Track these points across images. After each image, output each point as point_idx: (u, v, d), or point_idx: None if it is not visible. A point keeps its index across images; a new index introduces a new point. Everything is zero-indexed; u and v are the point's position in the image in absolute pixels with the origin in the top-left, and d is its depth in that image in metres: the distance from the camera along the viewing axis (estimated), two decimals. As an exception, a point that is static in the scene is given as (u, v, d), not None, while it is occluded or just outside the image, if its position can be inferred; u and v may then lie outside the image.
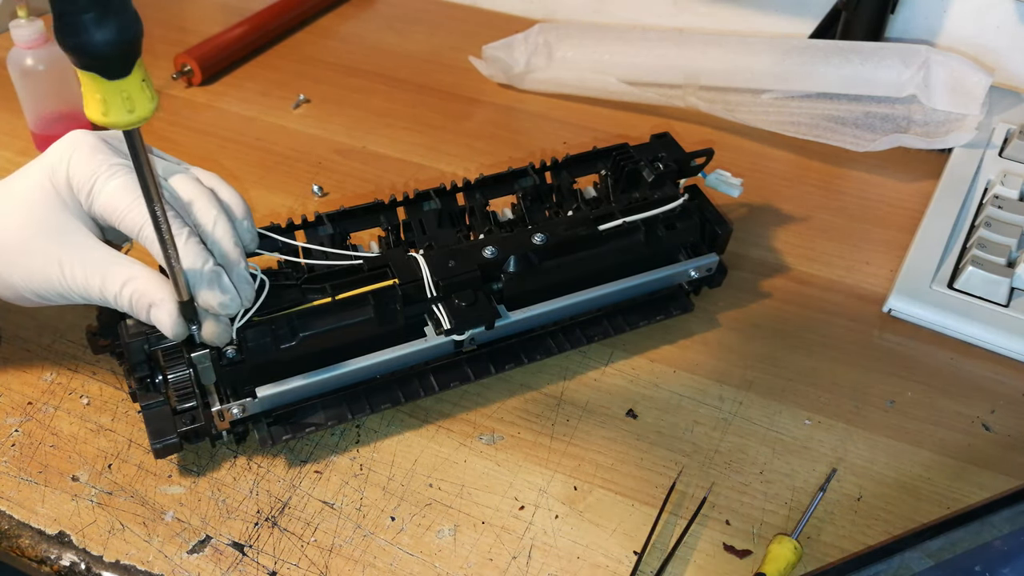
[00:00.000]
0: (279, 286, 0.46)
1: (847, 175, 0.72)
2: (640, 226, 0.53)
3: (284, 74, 0.83)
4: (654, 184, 0.55)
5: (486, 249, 0.49)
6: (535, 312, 0.51)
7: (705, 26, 0.89)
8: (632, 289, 0.53)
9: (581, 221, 0.53)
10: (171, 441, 0.45)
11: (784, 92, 0.76)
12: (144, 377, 0.45)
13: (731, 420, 0.52)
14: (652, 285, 0.54)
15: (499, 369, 0.52)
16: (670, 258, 0.55)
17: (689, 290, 0.58)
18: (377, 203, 0.53)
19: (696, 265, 0.55)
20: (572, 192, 0.57)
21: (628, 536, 0.46)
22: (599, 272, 0.52)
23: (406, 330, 0.48)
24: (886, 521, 0.47)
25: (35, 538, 0.45)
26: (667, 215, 0.54)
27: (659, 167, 0.55)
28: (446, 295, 0.48)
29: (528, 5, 0.94)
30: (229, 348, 0.44)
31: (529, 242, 0.50)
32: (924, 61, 0.71)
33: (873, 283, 0.61)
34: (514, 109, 0.79)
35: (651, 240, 0.53)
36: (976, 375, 0.55)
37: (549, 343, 0.53)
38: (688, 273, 0.55)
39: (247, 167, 0.71)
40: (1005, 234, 0.59)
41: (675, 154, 0.57)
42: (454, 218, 0.54)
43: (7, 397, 0.51)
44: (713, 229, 0.55)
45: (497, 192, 0.56)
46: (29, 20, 0.65)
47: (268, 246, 0.49)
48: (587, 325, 0.54)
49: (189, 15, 0.93)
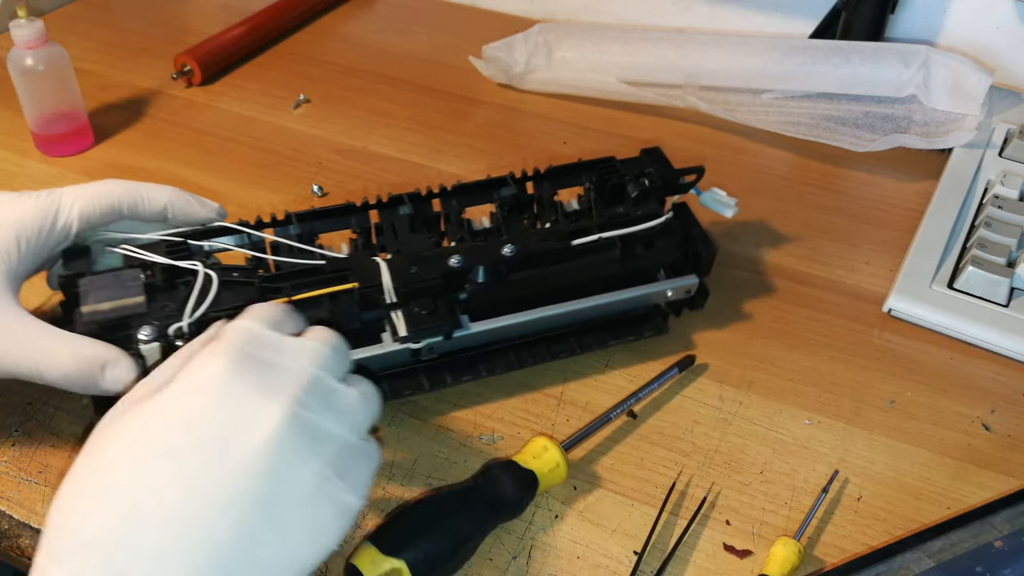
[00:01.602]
0: (238, 283, 0.46)
1: (847, 175, 0.72)
2: (616, 242, 0.51)
3: (284, 74, 0.83)
4: (638, 200, 0.54)
5: (452, 257, 0.49)
6: (498, 324, 0.49)
7: (705, 26, 0.89)
8: (603, 307, 0.52)
9: (555, 234, 0.51)
10: None
11: (784, 92, 0.76)
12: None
13: (731, 420, 0.52)
14: (625, 304, 0.52)
15: (455, 381, 0.51)
16: (647, 277, 0.53)
17: (668, 311, 0.56)
18: (348, 205, 0.52)
19: (674, 286, 0.53)
20: (552, 204, 0.55)
21: (628, 536, 0.46)
22: (571, 287, 0.51)
23: (364, 335, 0.48)
24: (886, 521, 0.47)
25: (35, 538, 0.45)
26: (647, 233, 0.52)
27: (644, 183, 0.53)
28: (405, 302, 0.47)
29: (528, 5, 0.94)
30: (179, 342, 0.44)
31: (498, 253, 0.49)
32: (924, 61, 0.71)
33: (873, 283, 0.61)
34: (514, 109, 0.79)
35: (627, 257, 0.51)
36: (976, 375, 0.55)
37: (511, 357, 0.52)
38: (665, 293, 0.53)
39: (247, 167, 0.71)
40: (1005, 234, 0.59)
41: (663, 170, 0.55)
42: (428, 224, 0.53)
43: (7, 397, 0.51)
44: (697, 249, 0.53)
45: (474, 200, 0.54)
46: (29, 20, 0.65)
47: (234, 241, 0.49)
48: (554, 341, 0.53)
49: (189, 15, 0.93)
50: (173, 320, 0.44)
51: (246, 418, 0.32)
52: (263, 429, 0.32)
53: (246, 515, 0.30)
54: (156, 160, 0.71)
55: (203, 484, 0.31)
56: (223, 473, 0.31)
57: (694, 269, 0.53)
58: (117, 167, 0.70)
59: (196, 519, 0.30)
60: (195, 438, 0.31)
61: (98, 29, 0.89)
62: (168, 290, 0.45)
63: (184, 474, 0.31)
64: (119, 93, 0.79)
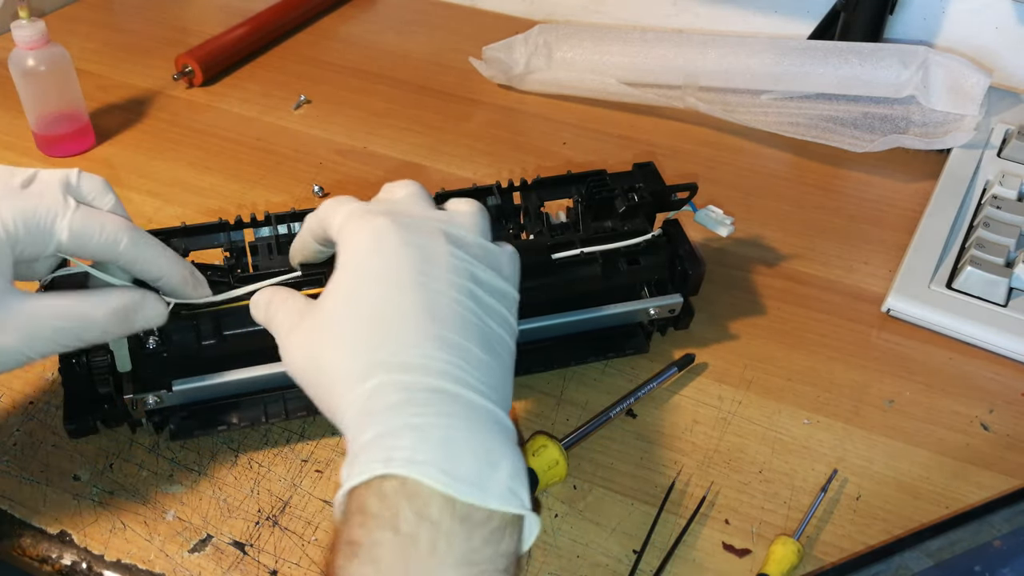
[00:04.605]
0: (212, 282, 0.46)
1: (846, 175, 0.72)
2: (598, 258, 0.51)
3: (285, 75, 0.83)
4: (626, 215, 0.53)
5: None
6: None
7: (704, 27, 0.89)
8: (583, 322, 0.51)
9: (535, 247, 0.50)
10: (85, 423, 0.46)
11: (783, 93, 0.76)
12: (69, 357, 0.46)
13: (730, 419, 0.52)
14: (605, 320, 0.52)
15: None
16: (630, 294, 0.53)
17: (651, 330, 0.55)
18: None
19: (657, 304, 0.52)
20: (539, 215, 0.54)
21: (628, 535, 0.46)
22: (551, 301, 0.50)
23: None
24: (885, 520, 0.47)
25: (36, 537, 0.45)
26: (631, 249, 0.51)
27: (633, 198, 0.52)
28: None
29: (528, 6, 0.94)
30: (151, 339, 0.45)
31: None
32: (923, 62, 0.71)
33: (872, 283, 0.61)
34: (514, 110, 0.79)
35: (609, 274, 0.51)
36: (975, 375, 0.55)
37: None
38: (647, 312, 0.52)
39: (248, 167, 0.71)
40: (1003, 234, 0.60)
41: (653, 186, 0.54)
42: None
43: (9, 397, 0.52)
44: (684, 268, 0.52)
45: None
46: (31, 21, 0.65)
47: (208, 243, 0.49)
48: (529, 354, 0.52)
49: (190, 16, 0.93)
50: None
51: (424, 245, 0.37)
52: (437, 238, 0.37)
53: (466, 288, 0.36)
54: (157, 160, 0.72)
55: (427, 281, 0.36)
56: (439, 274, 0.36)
57: (680, 288, 0.53)
58: (118, 167, 0.71)
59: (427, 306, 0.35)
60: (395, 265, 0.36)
61: (99, 30, 0.90)
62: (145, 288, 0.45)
63: (424, 295, 0.35)
64: (120, 94, 0.79)
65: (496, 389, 0.35)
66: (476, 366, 0.34)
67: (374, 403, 0.33)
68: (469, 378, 0.34)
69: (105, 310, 0.41)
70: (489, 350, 0.36)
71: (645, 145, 0.75)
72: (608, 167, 0.56)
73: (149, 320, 0.43)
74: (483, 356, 0.35)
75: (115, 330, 0.41)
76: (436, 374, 0.33)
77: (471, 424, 0.33)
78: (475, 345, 0.35)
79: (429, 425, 0.32)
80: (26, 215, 0.39)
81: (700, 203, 0.55)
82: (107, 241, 0.40)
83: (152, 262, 0.42)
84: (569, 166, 0.71)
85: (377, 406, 0.33)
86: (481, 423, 0.33)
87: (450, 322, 0.35)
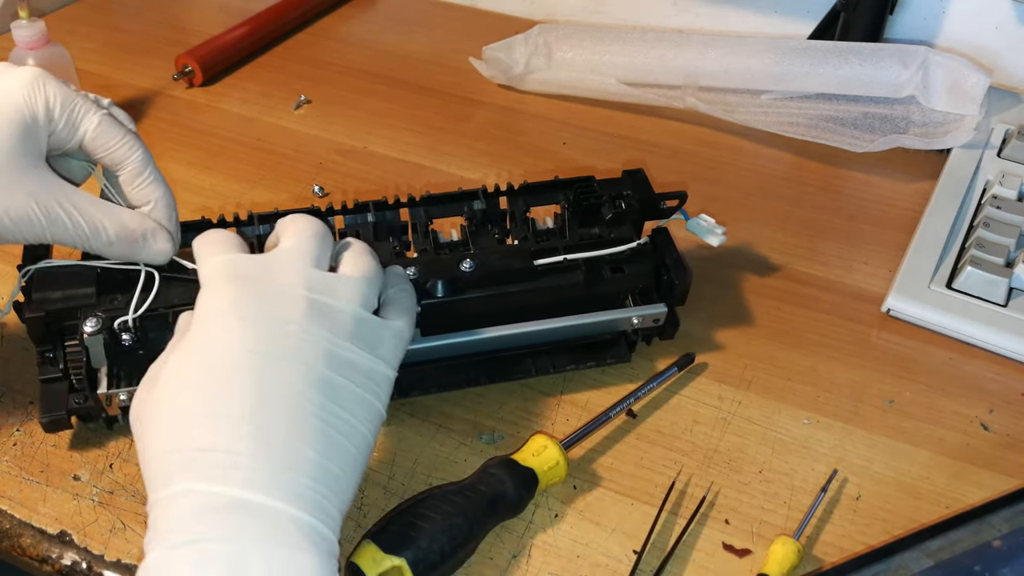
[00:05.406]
0: (191, 280, 0.45)
1: (846, 175, 0.72)
2: (581, 265, 0.50)
3: (285, 75, 0.83)
4: (612, 222, 0.52)
5: (408, 269, 0.48)
6: (449, 341, 0.49)
7: (704, 27, 0.89)
8: (564, 330, 0.51)
9: (518, 252, 0.50)
10: (59, 416, 0.45)
11: (783, 93, 0.76)
12: (47, 351, 0.46)
13: (730, 419, 0.52)
14: (588, 329, 0.51)
15: (402, 395, 0.50)
16: (613, 302, 0.52)
17: (635, 339, 0.54)
18: (313, 209, 0.51)
19: (641, 313, 0.51)
20: (525, 220, 0.53)
21: (628, 535, 0.46)
22: (532, 308, 0.50)
23: None
24: (885, 520, 0.47)
25: (36, 537, 0.45)
26: (615, 257, 0.51)
27: (620, 205, 0.52)
28: None
29: (528, 6, 0.94)
30: (125, 335, 0.45)
31: (456, 268, 0.48)
32: (923, 62, 0.71)
33: (872, 283, 0.61)
34: (514, 110, 0.79)
35: (592, 281, 0.50)
36: (974, 375, 0.55)
37: (462, 376, 0.51)
38: (631, 321, 0.51)
39: (248, 167, 0.71)
40: (1003, 234, 0.60)
41: (642, 193, 0.53)
42: (394, 232, 0.52)
43: (8, 397, 0.52)
44: (670, 277, 0.51)
45: (443, 212, 0.53)
46: (31, 21, 0.65)
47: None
48: (509, 361, 0.52)
49: (190, 16, 0.93)
50: (120, 314, 0.44)
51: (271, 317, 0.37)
52: (294, 311, 0.37)
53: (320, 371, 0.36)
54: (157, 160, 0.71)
55: (270, 381, 0.35)
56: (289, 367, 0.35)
57: (665, 297, 0.52)
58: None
59: (271, 398, 0.34)
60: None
61: (99, 30, 0.90)
62: (123, 285, 0.45)
63: (251, 378, 0.35)
64: (120, 94, 0.79)
65: (326, 489, 0.34)
66: (301, 466, 0.33)
67: (173, 508, 0.32)
68: (286, 482, 0.32)
69: (118, 224, 0.42)
70: (327, 445, 0.34)
71: (645, 145, 0.75)
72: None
73: (153, 254, 0.43)
74: (312, 454, 0.34)
75: (119, 248, 0.42)
76: (239, 483, 0.32)
77: (266, 544, 0.31)
78: (306, 442, 0.34)
79: (214, 551, 0.31)
80: (64, 100, 0.41)
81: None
82: (124, 148, 0.43)
83: (156, 183, 0.44)
84: (569, 166, 0.71)
85: (173, 512, 0.32)
86: (279, 540, 0.31)
87: (279, 414, 0.34)
